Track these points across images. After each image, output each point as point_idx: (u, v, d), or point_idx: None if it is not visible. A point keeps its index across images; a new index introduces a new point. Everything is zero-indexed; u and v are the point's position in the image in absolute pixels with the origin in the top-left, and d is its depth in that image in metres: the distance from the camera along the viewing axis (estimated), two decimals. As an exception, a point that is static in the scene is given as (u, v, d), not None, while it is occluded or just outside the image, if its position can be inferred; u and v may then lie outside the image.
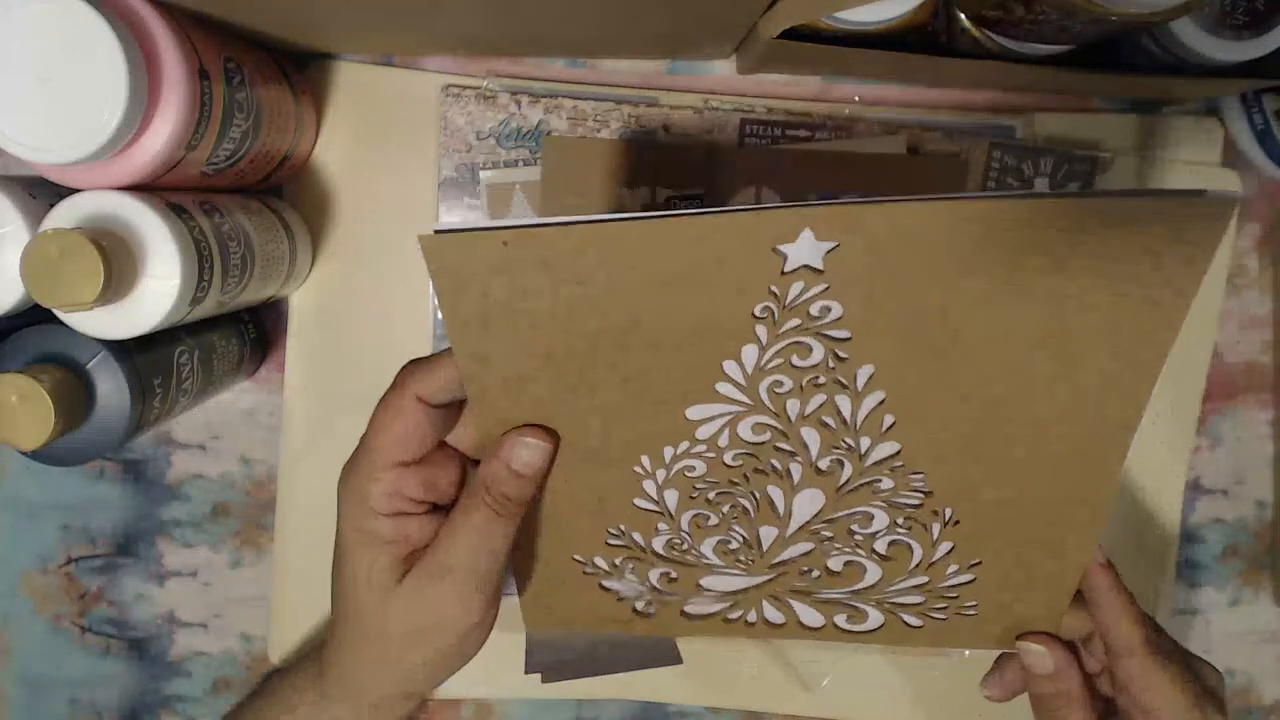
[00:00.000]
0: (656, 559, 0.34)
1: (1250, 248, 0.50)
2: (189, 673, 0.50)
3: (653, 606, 0.36)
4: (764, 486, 0.32)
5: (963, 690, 0.50)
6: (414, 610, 0.31)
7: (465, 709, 0.51)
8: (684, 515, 0.32)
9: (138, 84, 0.30)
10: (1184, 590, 0.52)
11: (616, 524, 0.33)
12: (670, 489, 0.32)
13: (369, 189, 0.47)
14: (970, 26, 0.41)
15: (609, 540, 0.33)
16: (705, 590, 0.35)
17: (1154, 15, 0.35)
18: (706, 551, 0.33)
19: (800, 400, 0.29)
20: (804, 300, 0.26)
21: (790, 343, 0.28)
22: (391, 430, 0.30)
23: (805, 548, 0.33)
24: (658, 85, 0.47)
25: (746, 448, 0.30)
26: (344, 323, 0.47)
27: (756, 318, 0.27)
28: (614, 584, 0.35)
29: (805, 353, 0.28)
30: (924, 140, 0.47)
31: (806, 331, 0.27)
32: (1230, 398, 0.51)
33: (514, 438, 0.30)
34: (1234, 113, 0.48)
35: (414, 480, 0.31)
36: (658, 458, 0.31)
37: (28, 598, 0.49)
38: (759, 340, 0.27)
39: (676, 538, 0.33)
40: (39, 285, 0.30)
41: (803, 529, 0.33)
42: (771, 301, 0.27)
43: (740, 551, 0.33)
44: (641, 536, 0.33)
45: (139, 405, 0.36)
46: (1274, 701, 0.53)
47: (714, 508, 0.32)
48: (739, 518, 0.32)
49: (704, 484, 0.32)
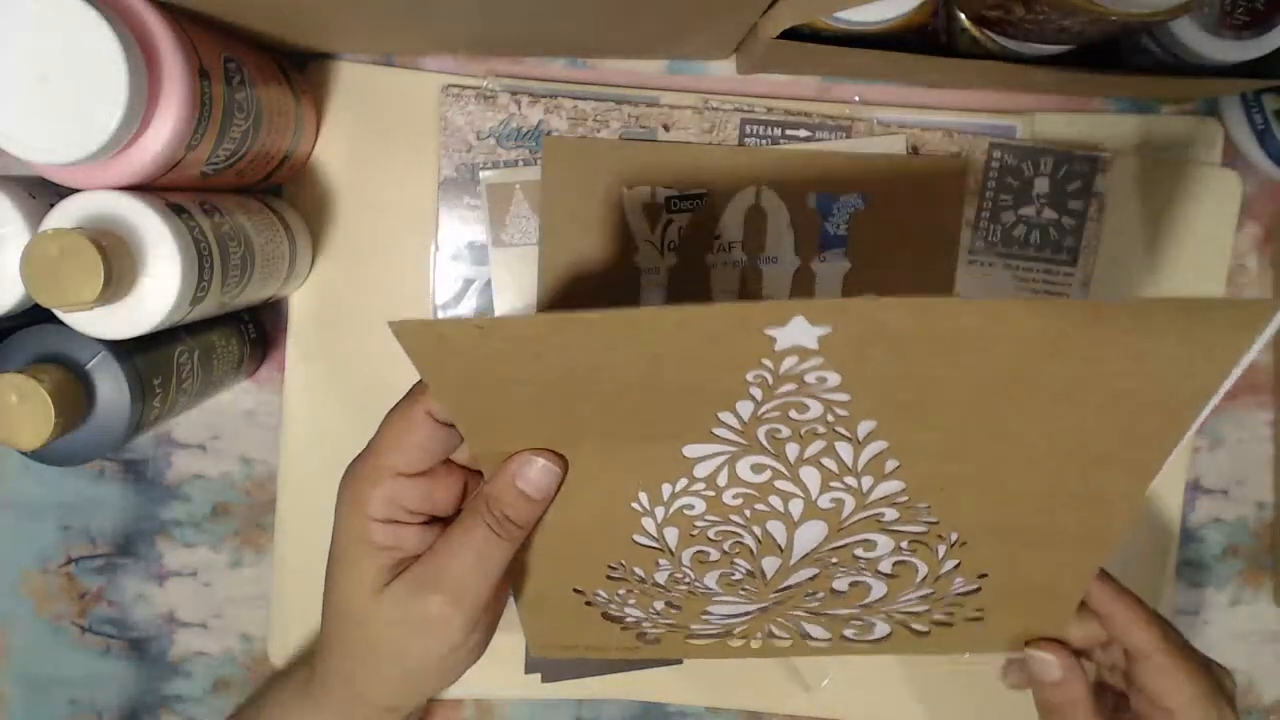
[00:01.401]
0: (659, 590, 0.33)
1: (1250, 248, 0.50)
2: (189, 673, 0.50)
3: (658, 629, 0.35)
4: (764, 522, 0.31)
5: (964, 690, 0.50)
6: (396, 619, 0.31)
7: (465, 709, 0.51)
8: (685, 552, 0.32)
9: (138, 84, 0.30)
10: (1184, 590, 0.52)
11: (617, 559, 0.32)
12: (670, 527, 0.31)
13: (369, 189, 0.47)
14: (970, 26, 0.41)
15: (609, 575, 0.33)
16: (709, 619, 0.35)
17: (1154, 15, 0.35)
18: (710, 584, 0.33)
19: (800, 445, 0.28)
20: (798, 371, 0.25)
21: (787, 401, 0.27)
22: (399, 440, 0.30)
23: (809, 573, 0.33)
24: (658, 85, 0.47)
25: (746, 486, 0.30)
26: (344, 323, 0.47)
27: (750, 383, 0.26)
28: (618, 612, 0.34)
29: (802, 409, 0.27)
30: (924, 140, 0.47)
31: (803, 393, 0.26)
32: (1230, 398, 0.51)
33: (524, 456, 0.29)
34: (1234, 113, 0.48)
35: (413, 491, 0.31)
36: (656, 495, 0.30)
37: (28, 598, 0.49)
38: (754, 399, 0.27)
39: (678, 572, 0.33)
40: (39, 285, 0.30)
41: (806, 558, 0.32)
42: (765, 372, 0.25)
43: (744, 582, 0.33)
44: (643, 571, 0.33)
45: (139, 405, 0.36)
46: (1274, 701, 0.53)
47: (715, 545, 0.32)
48: (741, 553, 0.32)
49: (704, 522, 0.31)
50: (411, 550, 0.31)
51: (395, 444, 0.30)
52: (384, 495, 0.30)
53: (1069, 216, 0.47)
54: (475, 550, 0.30)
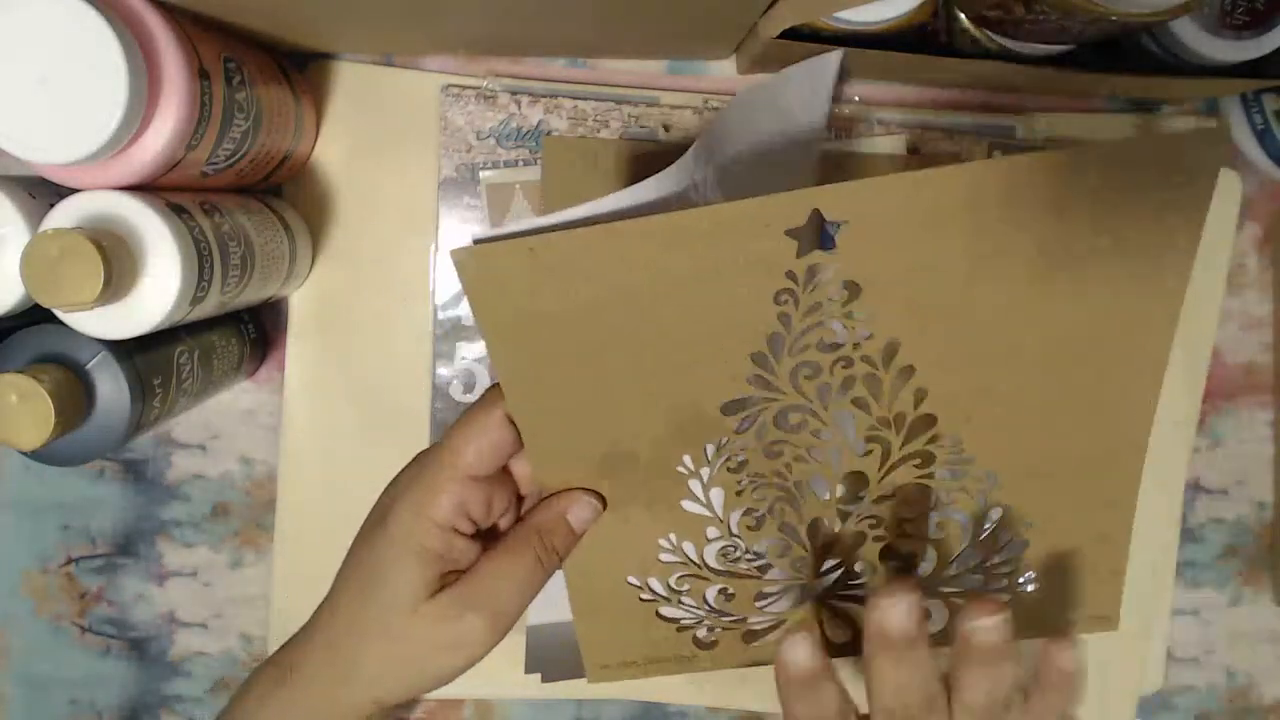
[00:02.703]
0: (712, 574, 0.34)
1: (1250, 248, 0.50)
2: (189, 673, 0.50)
3: (714, 633, 0.35)
4: (807, 476, 0.32)
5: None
6: (430, 635, 0.31)
7: (465, 709, 0.51)
8: (732, 515, 0.32)
9: (138, 84, 0.30)
10: (1184, 590, 0.52)
11: (667, 532, 0.33)
12: (716, 487, 0.32)
13: (369, 189, 0.47)
14: (970, 26, 0.41)
15: (661, 555, 0.33)
16: (763, 609, 0.34)
17: (1154, 15, 0.35)
18: (760, 551, 0.33)
19: (831, 383, 0.29)
20: (821, 282, 0.27)
21: (814, 324, 0.28)
22: (476, 439, 0.31)
23: (856, 539, 0.33)
24: (658, 85, 0.47)
25: (784, 436, 0.31)
26: (344, 323, 0.47)
27: (778, 304, 0.27)
28: (672, 610, 0.34)
29: (830, 334, 0.28)
30: (924, 140, 0.47)
31: (828, 313, 0.28)
32: (1230, 398, 0.51)
33: (577, 495, 0.31)
34: (1234, 113, 0.48)
35: (479, 496, 0.31)
36: (699, 456, 0.31)
37: (28, 598, 0.49)
38: (784, 325, 0.28)
39: (729, 543, 0.33)
40: (39, 285, 0.30)
41: (851, 518, 0.32)
42: (791, 283, 0.27)
43: (792, 552, 0.33)
44: (694, 547, 0.33)
45: (139, 405, 0.36)
46: (1274, 701, 0.53)
47: (760, 502, 0.32)
48: (785, 510, 0.32)
49: (747, 479, 0.32)
50: (459, 563, 0.31)
51: (471, 447, 0.31)
52: (453, 500, 0.31)
53: (1069, 216, 0.47)
54: (521, 577, 0.31)
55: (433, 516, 0.31)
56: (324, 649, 0.33)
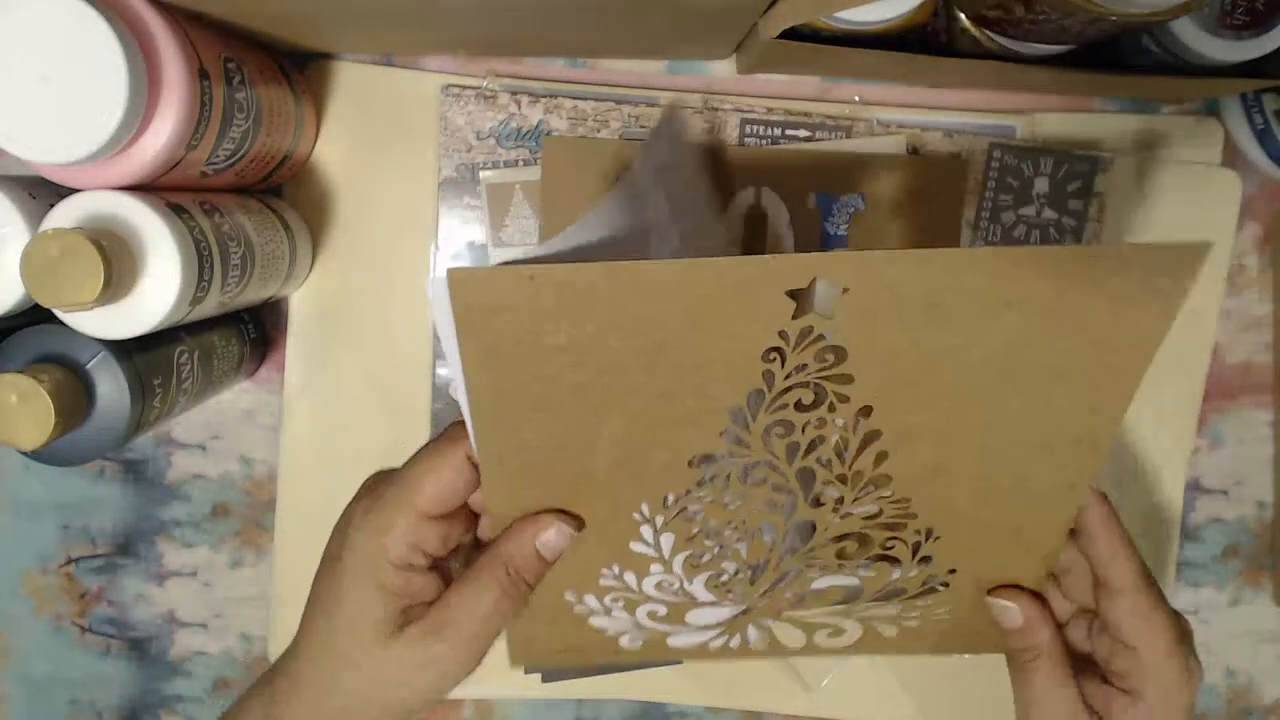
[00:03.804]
0: (645, 599, 0.34)
1: (1250, 248, 0.50)
2: (189, 673, 0.50)
3: (638, 642, 0.36)
4: (758, 524, 0.31)
5: (964, 690, 0.50)
6: (400, 670, 0.30)
7: (465, 709, 0.51)
8: (677, 558, 0.32)
9: (138, 84, 0.30)
10: (1184, 590, 0.52)
11: (611, 564, 0.32)
12: (667, 533, 0.31)
13: (369, 189, 0.47)
14: (970, 26, 0.41)
15: (601, 580, 0.33)
16: (690, 624, 0.35)
17: (1154, 15, 0.35)
18: (696, 589, 0.34)
19: (800, 441, 0.29)
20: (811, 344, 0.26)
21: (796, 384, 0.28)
22: (433, 479, 0.30)
23: (793, 573, 0.33)
24: (658, 85, 0.47)
25: (745, 491, 0.30)
26: (344, 323, 0.47)
27: (765, 361, 0.27)
28: (601, 621, 0.35)
29: (808, 395, 0.28)
30: (924, 140, 0.47)
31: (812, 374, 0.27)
32: (1230, 398, 0.51)
33: (547, 520, 0.30)
34: (1234, 113, 0.48)
35: (435, 535, 0.30)
36: (657, 504, 0.31)
37: (28, 598, 0.49)
38: (766, 383, 0.27)
39: (669, 579, 0.33)
40: (39, 285, 0.30)
41: (794, 555, 0.33)
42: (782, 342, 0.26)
43: (730, 584, 0.34)
44: (635, 578, 0.33)
45: (139, 405, 0.36)
46: (1274, 701, 0.53)
47: (707, 549, 0.32)
48: (732, 555, 0.32)
49: (700, 528, 0.31)
50: (420, 597, 0.31)
51: (430, 485, 0.30)
52: (406, 540, 0.30)
53: (1069, 216, 0.47)
54: (489, 607, 0.30)
55: (388, 557, 0.30)
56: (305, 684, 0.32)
